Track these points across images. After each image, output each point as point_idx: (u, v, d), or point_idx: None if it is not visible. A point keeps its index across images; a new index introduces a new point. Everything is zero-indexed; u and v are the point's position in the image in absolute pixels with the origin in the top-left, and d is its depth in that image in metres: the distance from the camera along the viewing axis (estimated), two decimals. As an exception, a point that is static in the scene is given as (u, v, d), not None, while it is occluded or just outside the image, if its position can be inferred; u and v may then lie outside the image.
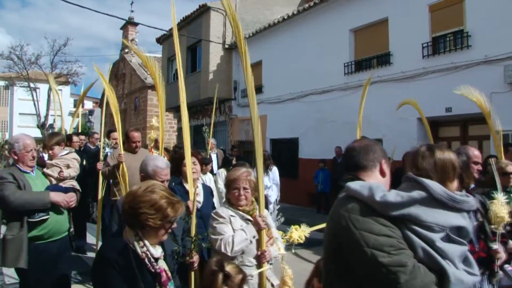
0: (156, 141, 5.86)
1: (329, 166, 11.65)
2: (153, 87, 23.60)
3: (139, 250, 2.06)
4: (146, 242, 2.08)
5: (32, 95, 28.94)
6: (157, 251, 2.13)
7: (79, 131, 10.42)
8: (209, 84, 15.69)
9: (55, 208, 3.60)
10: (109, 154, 6.48)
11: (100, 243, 7.46)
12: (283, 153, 13.69)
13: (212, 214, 3.18)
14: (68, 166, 4.37)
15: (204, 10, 16.22)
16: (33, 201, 3.45)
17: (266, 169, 7.65)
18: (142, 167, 3.16)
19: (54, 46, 28.85)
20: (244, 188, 3.09)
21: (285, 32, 13.79)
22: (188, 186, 3.47)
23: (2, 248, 3.33)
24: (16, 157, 3.59)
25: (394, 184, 1.97)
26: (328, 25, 12.17)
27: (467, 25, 8.74)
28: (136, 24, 26.81)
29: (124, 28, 27.86)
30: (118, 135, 5.44)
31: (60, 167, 4.29)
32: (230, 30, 16.31)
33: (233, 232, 2.97)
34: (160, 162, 3.19)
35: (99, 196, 6.17)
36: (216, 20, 16.06)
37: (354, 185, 1.85)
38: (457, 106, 8.67)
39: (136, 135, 5.76)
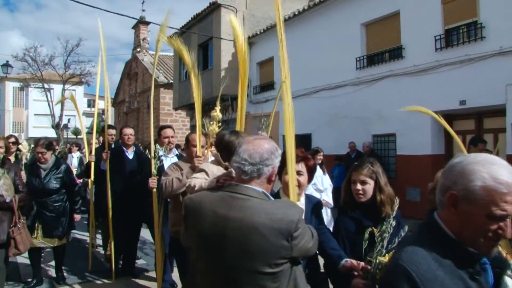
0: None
1: (344, 161, 11.58)
2: (165, 86, 23.83)
3: None
4: None
5: (47, 96, 29.31)
6: None
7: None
8: (221, 81, 15.72)
9: None
10: (164, 160, 5.30)
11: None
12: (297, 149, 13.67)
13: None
14: None
15: (214, 8, 16.25)
16: None
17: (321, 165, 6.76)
18: (448, 176, 1.48)
19: (67, 46, 29.23)
20: None
21: (296, 28, 13.75)
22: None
23: None
24: (274, 178, 2.12)
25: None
26: (339, 20, 12.10)
27: (480, 16, 8.62)
28: (147, 23, 27.00)
29: (135, 27, 28.06)
30: (198, 135, 4.09)
31: None
32: (241, 27, 16.30)
33: None
34: (505, 171, 1.39)
35: (157, 221, 4.77)
36: (226, 17, 16.02)
37: None
38: (471, 99, 8.57)
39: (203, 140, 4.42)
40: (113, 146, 6.70)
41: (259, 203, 1.92)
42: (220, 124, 5.42)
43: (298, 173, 2.78)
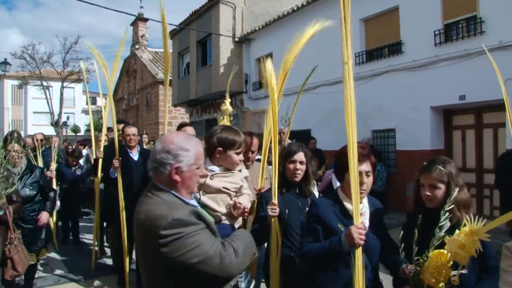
0: None
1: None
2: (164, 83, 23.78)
3: None
4: None
5: (45, 94, 29.24)
6: None
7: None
8: (220, 77, 15.68)
9: None
10: None
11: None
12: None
13: (504, 249, 1.85)
14: (238, 192, 2.77)
15: (213, 4, 16.20)
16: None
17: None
18: None
19: (65, 44, 29.11)
20: None
21: (295, 23, 13.71)
22: (352, 205, 2.27)
23: None
24: (179, 179, 1.87)
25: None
26: (338, 15, 12.01)
27: (480, 11, 8.59)
28: (146, 20, 26.91)
29: (134, 24, 27.96)
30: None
31: (229, 193, 2.69)
32: (240, 23, 16.28)
33: None
34: None
35: None
36: (225, 13, 16.03)
37: None
38: (471, 93, 8.55)
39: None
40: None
41: (154, 202, 1.83)
42: (231, 118, 5.21)
43: (367, 174, 2.49)
